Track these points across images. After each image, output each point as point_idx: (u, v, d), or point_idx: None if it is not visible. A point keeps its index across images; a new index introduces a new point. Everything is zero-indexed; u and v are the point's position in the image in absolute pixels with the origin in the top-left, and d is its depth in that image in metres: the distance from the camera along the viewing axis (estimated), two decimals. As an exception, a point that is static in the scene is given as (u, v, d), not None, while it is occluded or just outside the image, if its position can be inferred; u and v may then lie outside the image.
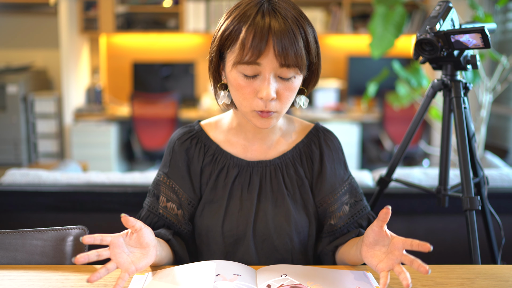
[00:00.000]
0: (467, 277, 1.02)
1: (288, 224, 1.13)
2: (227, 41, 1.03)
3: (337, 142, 1.23)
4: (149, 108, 4.52)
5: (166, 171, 1.19)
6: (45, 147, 4.81)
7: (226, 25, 1.04)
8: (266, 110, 1.04)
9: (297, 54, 1.00)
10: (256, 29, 0.99)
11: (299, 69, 1.02)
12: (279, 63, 1.00)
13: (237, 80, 1.04)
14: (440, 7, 1.40)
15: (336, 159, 1.20)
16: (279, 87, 1.03)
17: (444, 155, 1.49)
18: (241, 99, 1.05)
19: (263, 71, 1.01)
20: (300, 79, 1.06)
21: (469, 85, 1.46)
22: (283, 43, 0.99)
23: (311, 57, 1.06)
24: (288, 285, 0.94)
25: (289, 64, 1.00)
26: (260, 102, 1.03)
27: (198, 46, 5.21)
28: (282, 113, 1.08)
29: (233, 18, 1.03)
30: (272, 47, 0.99)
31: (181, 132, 1.22)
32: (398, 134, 4.56)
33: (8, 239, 1.09)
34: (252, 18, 1.00)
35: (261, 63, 1.00)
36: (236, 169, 1.17)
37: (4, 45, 5.11)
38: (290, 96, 1.06)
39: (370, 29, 3.02)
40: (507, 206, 1.85)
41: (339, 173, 1.20)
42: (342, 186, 1.19)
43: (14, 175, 1.93)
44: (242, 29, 1.00)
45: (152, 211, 1.17)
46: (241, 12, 1.02)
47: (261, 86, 1.02)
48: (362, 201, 1.21)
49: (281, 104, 1.05)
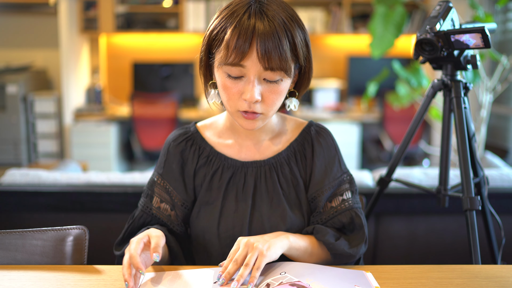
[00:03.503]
0: (467, 277, 1.02)
1: (284, 224, 1.13)
2: (214, 42, 1.04)
3: (330, 139, 1.20)
4: (149, 108, 4.52)
5: (160, 172, 1.20)
6: (45, 147, 4.81)
7: (214, 25, 1.05)
8: (251, 111, 1.04)
9: (281, 58, 0.99)
10: (241, 31, 0.99)
11: (284, 72, 1.02)
12: (262, 66, 1.00)
13: (223, 80, 1.04)
14: (440, 7, 1.39)
15: (328, 157, 1.18)
16: (264, 90, 1.03)
17: (444, 155, 1.49)
18: (226, 99, 1.06)
19: (248, 73, 1.01)
20: (287, 82, 1.06)
21: (469, 85, 1.46)
22: (266, 46, 0.98)
23: (299, 60, 1.05)
24: (287, 283, 0.94)
25: (272, 67, 1.00)
26: (245, 103, 1.03)
27: (198, 46, 5.14)
28: (269, 115, 1.07)
29: (221, 18, 1.03)
30: (256, 50, 0.98)
31: (176, 134, 1.22)
32: (398, 134, 4.56)
33: (8, 239, 1.09)
34: (238, 19, 1.00)
35: (245, 65, 1.00)
36: (230, 170, 1.16)
37: (4, 45, 5.11)
38: (276, 99, 1.05)
39: (370, 29, 3.02)
40: (507, 206, 1.85)
41: (331, 171, 1.17)
42: (333, 183, 1.16)
43: (14, 175, 1.93)
44: (227, 30, 1.01)
45: (146, 211, 1.18)
46: (229, 12, 1.02)
47: (245, 88, 1.02)
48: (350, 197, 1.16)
49: (266, 106, 1.05)
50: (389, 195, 1.83)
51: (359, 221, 1.14)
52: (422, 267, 1.06)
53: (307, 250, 1.08)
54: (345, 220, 1.14)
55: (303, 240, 1.09)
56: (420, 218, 1.90)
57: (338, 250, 1.09)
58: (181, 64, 5.10)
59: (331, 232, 1.11)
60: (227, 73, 1.03)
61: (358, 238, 1.13)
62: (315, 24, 4.88)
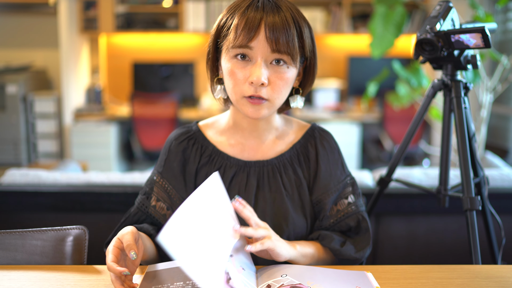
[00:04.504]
0: (467, 277, 1.02)
1: (286, 224, 1.13)
2: (223, 29, 1.07)
3: (333, 143, 1.22)
4: (149, 108, 4.52)
5: (160, 170, 1.19)
6: (44, 147, 4.81)
7: (222, 16, 1.09)
8: (257, 95, 1.04)
9: (288, 40, 1.02)
10: (249, 15, 1.02)
11: (291, 57, 1.04)
12: (270, 48, 1.02)
13: (230, 67, 1.06)
14: (440, 7, 1.39)
15: (332, 160, 1.19)
16: (271, 75, 1.05)
17: (444, 155, 1.49)
18: (232, 85, 1.06)
19: (255, 55, 1.03)
20: (293, 71, 1.07)
21: (470, 85, 1.46)
22: (274, 28, 1.01)
23: (305, 51, 1.07)
24: (288, 285, 0.94)
25: (280, 49, 1.02)
26: (251, 87, 1.04)
27: (198, 46, 5.21)
28: (274, 103, 1.08)
29: (229, 9, 1.08)
30: (264, 31, 1.01)
31: (178, 133, 1.22)
32: (398, 134, 4.56)
33: (8, 239, 1.09)
34: (247, 6, 1.04)
35: (253, 47, 1.02)
36: (233, 169, 1.17)
37: (4, 45, 5.11)
38: (282, 86, 1.06)
39: (370, 29, 3.02)
40: (507, 206, 1.85)
41: (335, 174, 1.19)
42: (338, 186, 1.18)
43: (14, 175, 1.93)
44: (235, 16, 1.04)
45: (141, 209, 1.18)
46: (237, 3, 1.07)
47: (252, 70, 1.04)
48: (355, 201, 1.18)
49: (272, 92, 1.05)
50: (389, 195, 1.83)
51: (365, 224, 1.16)
52: (422, 267, 1.05)
53: (314, 256, 1.10)
54: (352, 224, 1.16)
55: (309, 247, 1.10)
56: (420, 218, 1.90)
57: (345, 255, 1.12)
58: (181, 64, 5.10)
59: (337, 238, 1.13)
60: (234, 58, 1.05)
61: (363, 241, 1.15)
62: (315, 24, 4.88)
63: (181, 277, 0.93)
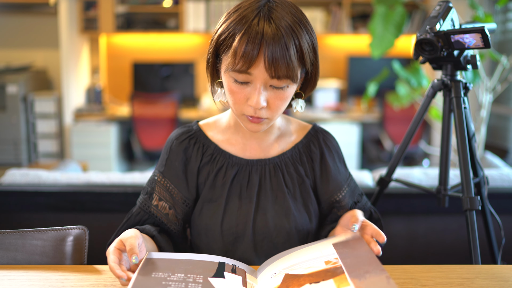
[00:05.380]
0: (467, 277, 1.02)
1: (288, 222, 1.14)
2: (222, 46, 1.04)
3: (335, 143, 1.25)
4: (149, 108, 4.52)
5: (162, 170, 1.20)
6: (45, 147, 4.81)
7: (223, 29, 1.04)
8: (256, 116, 1.05)
9: (288, 66, 1.00)
10: (249, 39, 0.98)
11: (291, 80, 1.02)
12: (269, 75, 1.00)
13: (229, 85, 1.05)
14: (440, 7, 1.39)
15: (337, 158, 1.23)
16: (270, 96, 1.04)
17: (444, 155, 1.49)
18: (232, 102, 1.07)
19: (254, 80, 1.02)
20: (293, 87, 1.07)
21: (469, 85, 1.46)
22: (274, 56, 0.98)
23: (306, 66, 1.06)
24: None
25: (279, 75, 1.00)
26: (250, 108, 1.04)
27: (198, 46, 5.21)
28: (274, 119, 1.09)
29: (230, 23, 1.02)
30: (263, 59, 0.99)
31: (179, 132, 1.22)
32: (398, 134, 4.56)
33: (8, 239, 1.09)
34: (247, 26, 0.99)
35: (252, 73, 1.01)
36: (235, 168, 1.17)
37: (4, 45, 5.11)
38: (281, 104, 1.06)
39: (370, 29, 3.02)
40: (507, 206, 1.85)
41: (342, 171, 1.23)
42: (347, 182, 1.23)
43: (14, 175, 1.93)
44: (236, 36, 1.00)
45: (143, 209, 1.18)
46: (239, 17, 1.01)
47: (251, 94, 1.03)
48: (363, 195, 1.27)
49: (271, 112, 1.06)
50: (389, 195, 1.83)
51: (377, 215, 1.27)
52: (422, 267, 1.06)
53: None
54: (367, 216, 1.24)
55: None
56: (420, 218, 1.90)
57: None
58: (181, 64, 5.10)
59: None
60: (233, 78, 1.04)
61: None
62: (315, 24, 4.88)
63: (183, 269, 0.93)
